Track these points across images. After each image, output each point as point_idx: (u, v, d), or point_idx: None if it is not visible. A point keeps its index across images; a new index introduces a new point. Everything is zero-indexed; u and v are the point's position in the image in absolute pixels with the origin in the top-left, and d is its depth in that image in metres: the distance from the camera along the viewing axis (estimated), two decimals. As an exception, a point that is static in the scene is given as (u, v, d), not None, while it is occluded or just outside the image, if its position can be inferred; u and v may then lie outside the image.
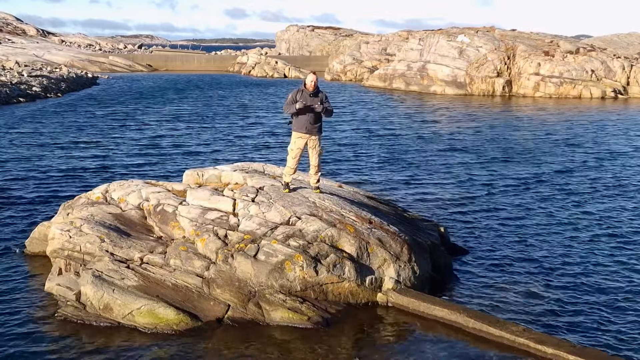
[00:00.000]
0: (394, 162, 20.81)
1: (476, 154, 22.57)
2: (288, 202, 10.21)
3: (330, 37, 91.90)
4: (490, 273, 10.74)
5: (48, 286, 9.35)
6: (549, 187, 17.35)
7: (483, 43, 50.32)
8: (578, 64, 47.90)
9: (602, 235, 12.96)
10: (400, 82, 52.46)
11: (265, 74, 69.09)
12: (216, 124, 29.87)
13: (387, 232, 9.81)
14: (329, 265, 9.01)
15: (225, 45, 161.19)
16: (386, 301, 9.23)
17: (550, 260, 11.42)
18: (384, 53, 67.58)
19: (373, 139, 25.70)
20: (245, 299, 8.78)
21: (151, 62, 77.18)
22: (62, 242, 9.89)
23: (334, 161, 20.58)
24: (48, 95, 39.85)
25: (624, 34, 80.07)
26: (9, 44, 73.27)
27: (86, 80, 52.67)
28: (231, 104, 39.07)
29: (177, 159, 20.70)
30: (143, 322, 8.49)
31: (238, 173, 11.72)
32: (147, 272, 9.13)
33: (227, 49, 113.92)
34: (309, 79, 10.20)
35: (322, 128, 10.57)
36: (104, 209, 10.68)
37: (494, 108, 39.31)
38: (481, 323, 8.46)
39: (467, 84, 48.43)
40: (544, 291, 9.98)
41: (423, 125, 30.61)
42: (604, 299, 9.73)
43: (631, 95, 46.83)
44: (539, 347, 7.92)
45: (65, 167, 18.79)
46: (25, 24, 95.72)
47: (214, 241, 9.36)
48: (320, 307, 8.85)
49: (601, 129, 29.76)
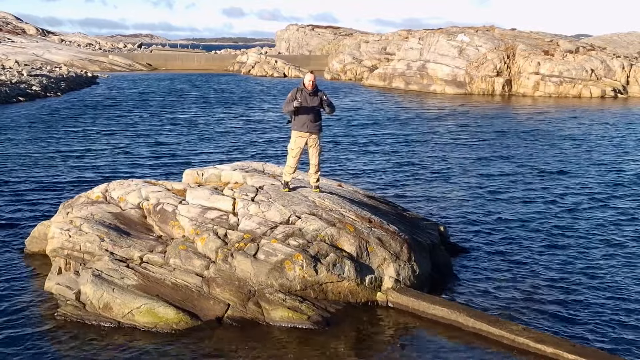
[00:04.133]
0: (393, 161, 20.81)
1: (476, 153, 22.57)
2: (288, 201, 10.21)
3: (330, 37, 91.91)
4: (490, 272, 10.75)
5: (48, 285, 9.35)
6: (549, 187, 17.35)
7: (483, 42, 50.33)
8: (578, 64, 47.91)
9: (602, 235, 12.95)
10: (400, 81, 52.46)
11: (265, 73, 69.08)
12: (217, 123, 29.88)
13: (387, 232, 9.81)
14: (329, 264, 9.01)
15: (225, 45, 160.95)
16: (386, 300, 9.23)
17: (550, 259, 11.42)
18: (383, 52, 67.55)
19: (372, 139, 25.68)
20: (245, 298, 8.78)
21: (151, 62, 77.17)
22: (62, 241, 9.89)
23: (334, 160, 20.58)
24: (48, 95, 39.82)
25: (623, 33, 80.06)
26: (9, 43, 73.24)
27: (86, 79, 52.66)
28: (232, 104, 39.07)
29: (177, 159, 20.69)
30: (143, 321, 8.49)
31: (238, 172, 11.72)
32: (146, 272, 9.14)
33: (227, 48, 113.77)
34: (307, 78, 10.20)
35: (322, 127, 10.59)
36: (103, 208, 10.68)
37: (493, 107, 39.31)
38: (481, 322, 8.47)
39: (467, 83, 48.43)
40: (544, 290, 9.98)
41: (423, 124, 30.62)
42: (604, 299, 9.73)
43: (631, 94, 46.83)
44: (538, 346, 7.92)
45: (65, 167, 18.79)
46: (25, 23, 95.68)
47: (213, 240, 9.36)
48: (320, 307, 8.86)
49: (601, 129, 29.76)
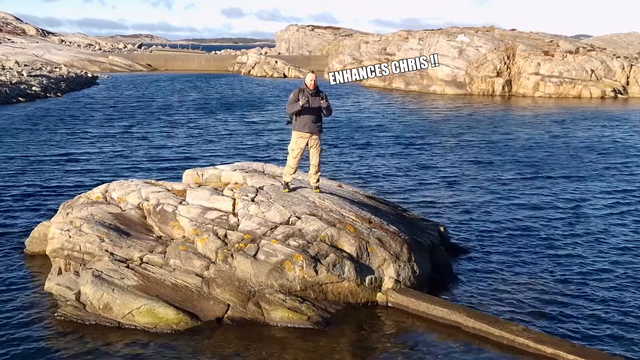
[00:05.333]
0: (393, 162, 20.80)
1: (476, 153, 22.57)
2: (288, 201, 10.21)
3: (330, 37, 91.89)
4: (490, 273, 10.74)
5: (48, 286, 9.35)
6: (549, 187, 17.34)
7: (483, 43, 50.31)
8: (578, 64, 47.90)
9: (602, 236, 12.95)
10: (399, 81, 52.43)
11: (265, 73, 69.05)
12: (217, 124, 29.87)
13: (387, 232, 9.81)
14: (329, 264, 9.01)
15: (225, 45, 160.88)
16: (386, 301, 9.23)
17: (550, 259, 11.42)
18: (383, 53, 67.51)
19: (372, 139, 25.68)
20: (245, 298, 8.78)
21: (151, 62, 77.11)
22: (62, 241, 9.89)
23: (334, 161, 20.58)
24: (48, 95, 39.81)
25: (623, 34, 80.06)
26: (9, 44, 73.23)
27: (86, 79, 52.63)
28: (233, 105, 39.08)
29: (177, 159, 20.69)
30: (143, 322, 8.49)
31: (238, 173, 11.72)
32: (146, 272, 9.14)
33: (227, 48, 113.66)
34: (308, 78, 10.22)
35: (323, 127, 10.59)
36: (103, 209, 10.68)
37: (493, 108, 39.30)
38: (481, 323, 8.46)
39: (467, 83, 48.42)
40: (544, 291, 9.98)
41: (422, 124, 30.61)
42: (604, 299, 9.73)
43: (631, 95, 46.81)
44: (538, 346, 7.92)
45: (65, 167, 18.79)
46: (25, 23, 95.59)
47: (213, 241, 9.36)
48: (320, 307, 8.86)
49: (602, 129, 29.75)
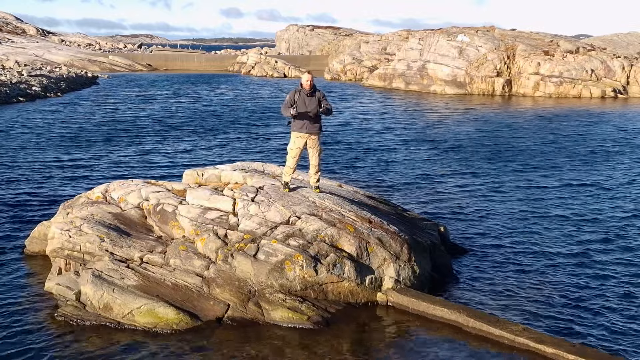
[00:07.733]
0: (393, 161, 20.81)
1: (476, 153, 22.57)
2: (288, 201, 10.21)
3: (330, 37, 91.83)
4: (490, 272, 10.75)
5: (48, 286, 9.35)
6: (549, 186, 17.35)
7: (483, 42, 50.32)
8: (578, 64, 47.91)
9: (603, 235, 12.95)
10: (400, 81, 52.45)
11: (265, 73, 69.08)
12: (216, 124, 29.88)
13: (387, 232, 9.81)
14: (329, 264, 9.01)
15: (225, 45, 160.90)
16: (386, 301, 9.23)
17: (550, 259, 11.42)
18: (383, 53, 67.57)
19: (373, 139, 25.69)
20: (245, 298, 8.79)
21: (151, 62, 77.19)
22: (62, 241, 9.89)
23: (334, 161, 20.58)
24: (48, 95, 39.84)
25: (623, 34, 79.99)
26: (9, 44, 73.24)
27: (86, 79, 52.66)
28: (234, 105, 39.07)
29: (177, 159, 20.69)
30: (143, 322, 8.49)
31: (238, 172, 11.72)
32: (147, 272, 9.14)
33: (227, 48, 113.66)
34: (304, 78, 10.24)
35: (322, 127, 10.59)
36: (103, 209, 10.68)
37: (493, 108, 39.30)
38: (481, 322, 8.47)
39: (467, 83, 48.43)
40: (544, 291, 9.98)
41: (422, 124, 30.61)
42: (604, 299, 9.73)
43: (631, 94, 46.82)
44: (538, 346, 7.93)
45: (65, 167, 18.79)
46: (25, 23, 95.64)
47: (213, 241, 9.36)
48: (320, 307, 8.86)
49: (602, 128, 29.76)
